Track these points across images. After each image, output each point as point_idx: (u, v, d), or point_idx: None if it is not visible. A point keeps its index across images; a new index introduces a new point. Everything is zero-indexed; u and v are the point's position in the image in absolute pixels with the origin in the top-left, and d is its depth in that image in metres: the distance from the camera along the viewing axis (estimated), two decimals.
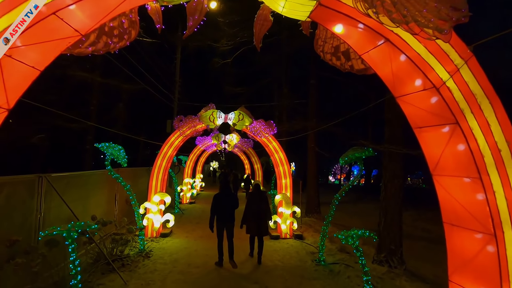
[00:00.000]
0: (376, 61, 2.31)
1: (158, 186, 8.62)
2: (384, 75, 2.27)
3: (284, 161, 9.08)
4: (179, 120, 8.88)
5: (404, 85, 2.28)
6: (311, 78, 11.20)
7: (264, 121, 9.02)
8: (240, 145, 15.30)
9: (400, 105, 2.37)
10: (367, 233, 4.79)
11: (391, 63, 2.17)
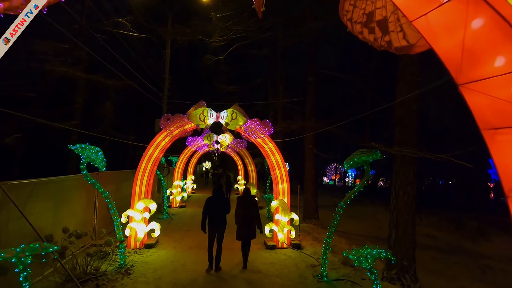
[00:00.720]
0: (438, 28, 1.50)
1: (142, 192, 7.75)
2: (446, 50, 1.50)
3: (281, 164, 8.30)
4: (166, 119, 8.02)
5: (478, 64, 1.52)
6: (309, 75, 10.46)
7: (259, 121, 8.24)
8: (233, 145, 14.49)
9: (464, 95, 1.60)
10: (383, 253, 4.04)
11: (464, 30, 1.39)
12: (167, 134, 7.90)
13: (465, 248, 8.33)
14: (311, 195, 10.16)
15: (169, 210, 12.86)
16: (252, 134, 8.07)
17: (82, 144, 6.38)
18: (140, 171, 7.74)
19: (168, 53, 13.68)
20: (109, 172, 9.56)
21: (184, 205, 14.08)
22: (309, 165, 10.33)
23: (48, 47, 11.08)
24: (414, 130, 5.41)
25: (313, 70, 10.48)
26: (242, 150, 14.77)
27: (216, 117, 8.10)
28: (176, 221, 11.09)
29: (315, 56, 10.59)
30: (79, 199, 7.15)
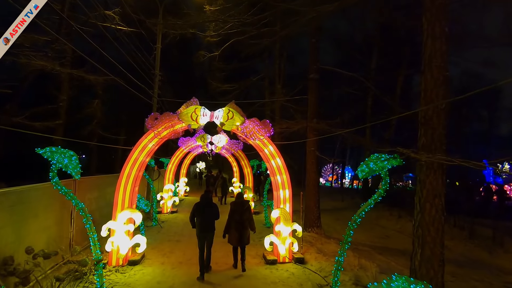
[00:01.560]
0: None
1: (126, 201, 6.79)
2: None
3: (282, 169, 7.42)
4: (153, 118, 7.07)
5: None
6: (311, 71, 9.60)
7: (258, 121, 7.34)
8: (228, 147, 13.57)
9: None
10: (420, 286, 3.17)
11: None
12: (155, 135, 6.94)
13: (483, 261, 7.59)
14: (313, 201, 9.31)
15: (159, 216, 11.89)
16: (251, 136, 7.16)
17: (53, 147, 5.43)
18: (123, 177, 6.77)
19: (158, 47, 12.67)
20: (91, 177, 8.58)
21: (175, 210, 13.10)
22: (310, 169, 9.48)
23: (25, 39, 9.99)
24: (443, 132, 4.59)
25: (315, 66, 9.62)
26: (238, 152, 13.85)
27: (210, 117, 7.18)
28: (166, 229, 10.12)
29: (317, 50, 9.74)
30: (52, 211, 6.15)
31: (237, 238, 6.04)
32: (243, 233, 6.06)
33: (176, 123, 7.09)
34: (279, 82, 14.22)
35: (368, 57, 16.37)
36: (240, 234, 6.02)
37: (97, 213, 8.28)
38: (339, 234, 9.84)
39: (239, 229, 6.03)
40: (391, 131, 16.17)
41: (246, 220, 6.12)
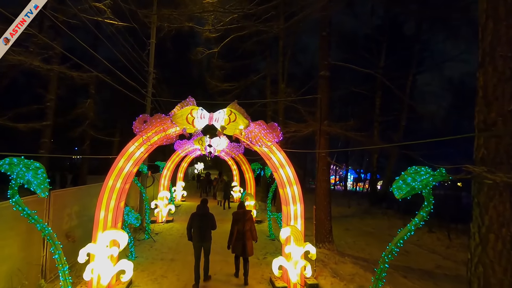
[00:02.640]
0: None
1: (109, 219, 5.66)
2: None
3: (293, 180, 6.31)
4: (142, 121, 5.93)
5: None
6: (321, 68, 8.51)
7: (265, 124, 6.23)
8: (228, 150, 12.46)
9: None
10: None
11: None
12: (143, 142, 5.81)
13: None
14: (324, 213, 8.20)
15: (153, 226, 10.75)
16: (256, 142, 6.04)
17: (14, 158, 4.32)
18: (105, 191, 5.64)
19: (152, 42, 11.51)
20: (70, 190, 7.40)
21: (171, 219, 11.96)
22: (321, 177, 8.38)
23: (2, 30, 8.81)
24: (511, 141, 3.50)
25: (326, 63, 8.52)
26: (239, 156, 12.73)
27: (209, 119, 6.07)
28: (160, 244, 8.98)
29: (328, 44, 8.63)
30: (16, 235, 5.01)
31: (241, 248, 5.88)
32: (247, 244, 5.91)
33: (169, 127, 5.96)
34: (282, 81, 13.11)
35: (376, 55, 15.31)
36: (244, 244, 5.88)
37: (80, 230, 7.15)
38: (352, 250, 8.74)
39: (242, 239, 5.89)
40: (400, 133, 15.11)
41: (249, 230, 5.98)
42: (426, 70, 14.81)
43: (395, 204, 14.43)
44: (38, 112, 14.19)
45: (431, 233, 10.08)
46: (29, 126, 13.10)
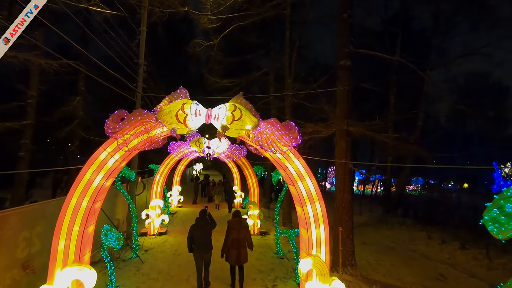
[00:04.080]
0: None
1: (71, 252, 4.16)
2: None
3: (315, 196, 4.82)
4: (118, 119, 4.42)
5: None
6: (341, 57, 7.03)
7: (278, 123, 4.74)
8: (229, 153, 10.95)
9: None
10: None
11: None
12: (119, 146, 4.29)
13: None
14: (345, 231, 6.70)
15: (143, 241, 9.23)
16: (269, 146, 4.54)
17: None
18: (66, 213, 4.14)
19: (143, 30, 9.98)
20: (28, 207, 5.74)
21: (165, 231, 10.43)
22: (342, 187, 6.89)
23: None
24: None
25: (347, 50, 7.03)
26: (241, 159, 11.23)
27: (206, 117, 4.57)
28: (149, 266, 7.46)
29: (349, 28, 7.13)
30: None
31: (235, 256, 5.68)
32: (241, 252, 5.71)
33: (153, 127, 4.45)
34: (289, 75, 11.61)
35: (390, 48, 13.84)
36: (238, 252, 5.67)
37: (44, 257, 5.57)
38: (378, 273, 7.25)
39: (237, 247, 5.67)
40: (417, 133, 13.65)
41: (243, 238, 5.76)
42: (444, 65, 13.39)
43: (410, 211, 13.03)
44: (18, 110, 12.62)
45: (464, 250, 8.66)
46: (6, 126, 11.56)
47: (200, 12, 9.63)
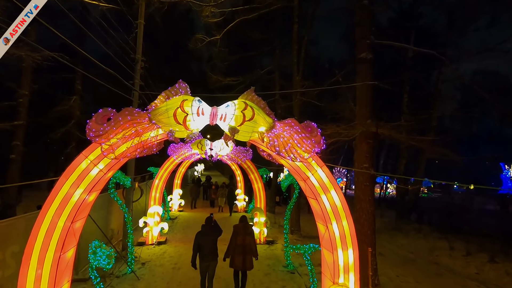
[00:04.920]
0: None
1: (43, 281, 3.33)
2: None
3: (342, 212, 3.97)
4: (103, 118, 3.57)
5: None
6: (360, 49, 6.18)
7: (297, 123, 3.90)
8: (234, 155, 10.09)
9: None
10: None
11: None
12: (103, 154, 3.45)
13: None
14: (367, 247, 5.83)
15: (140, 252, 8.40)
16: (288, 152, 3.70)
17: None
18: (38, 235, 3.31)
19: (140, 23, 9.15)
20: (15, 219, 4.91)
21: (164, 240, 9.60)
22: (363, 196, 6.04)
23: None
24: None
25: (367, 41, 6.18)
26: (246, 163, 10.38)
27: (211, 117, 3.74)
28: (146, 282, 6.61)
29: (370, 15, 6.28)
30: None
31: (240, 262, 5.49)
32: (247, 258, 5.53)
33: (146, 129, 3.61)
34: (297, 73, 10.75)
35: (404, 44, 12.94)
36: (244, 258, 5.50)
37: None
38: None
39: (242, 253, 5.49)
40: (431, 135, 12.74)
41: (248, 244, 5.57)
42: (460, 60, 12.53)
43: (425, 216, 12.12)
44: (10, 110, 11.84)
45: (493, 264, 7.78)
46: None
47: (202, 3, 8.78)
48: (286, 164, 4.17)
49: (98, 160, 3.52)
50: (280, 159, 4.16)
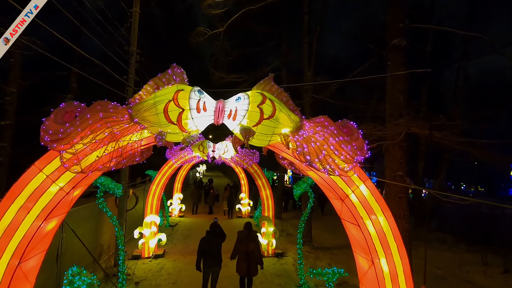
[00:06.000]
0: None
1: None
2: None
3: (393, 243, 2.90)
4: (66, 115, 2.51)
5: None
6: (393, 35, 5.14)
7: (331, 122, 2.83)
8: (239, 159, 9.04)
9: None
10: None
11: None
12: (64, 165, 2.39)
13: None
14: None
15: (134, 267, 7.35)
16: (323, 163, 2.63)
17: None
18: None
19: (136, 12, 8.13)
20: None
21: (162, 253, 8.55)
22: (397, 210, 4.96)
23: None
24: None
25: (401, 25, 5.13)
26: (253, 167, 9.31)
27: (217, 113, 2.68)
28: None
29: None
30: None
31: (245, 269, 5.30)
32: (251, 264, 5.34)
33: (126, 131, 2.55)
34: (309, 68, 9.69)
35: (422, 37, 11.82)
36: (248, 265, 5.31)
37: None
38: None
39: (246, 259, 5.31)
40: None
41: (252, 252, 5.33)
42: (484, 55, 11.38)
43: (446, 223, 10.98)
44: None
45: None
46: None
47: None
48: (315, 177, 3.11)
49: (58, 175, 2.48)
50: (307, 170, 3.11)
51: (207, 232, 5.45)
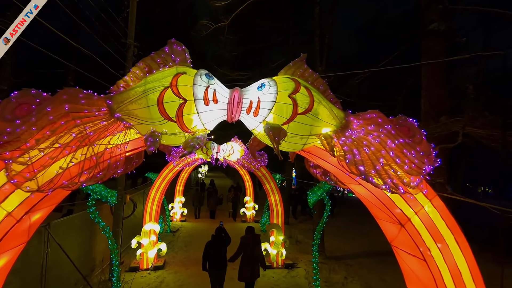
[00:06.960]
0: None
1: None
2: None
3: (468, 278, 2.09)
4: (18, 107, 1.72)
5: None
6: (430, 17, 4.35)
7: (385, 117, 2.02)
8: (245, 161, 8.25)
9: None
10: None
11: None
12: (12, 180, 1.60)
13: None
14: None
15: (131, 281, 6.57)
16: (383, 176, 1.83)
17: None
18: None
19: (134, 1, 7.35)
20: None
21: (162, 264, 7.75)
22: None
23: None
24: None
25: (440, 7, 4.36)
26: (261, 170, 8.49)
27: (231, 106, 1.87)
28: None
29: None
30: None
31: (249, 273, 5.22)
32: (255, 267, 5.28)
33: (102, 131, 1.75)
34: (321, 62, 8.89)
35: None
36: (252, 268, 5.24)
37: None
38: None
39: (251, 263, 5.23)
40: None
41: (256, 256, 5.25)
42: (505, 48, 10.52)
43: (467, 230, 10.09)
44: None
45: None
46: None
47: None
48: (362, 192, 2.31)
49: (3, 195, 1.70)
50: (350, 184, 2.31)
51: (213, 236, 5.37)
